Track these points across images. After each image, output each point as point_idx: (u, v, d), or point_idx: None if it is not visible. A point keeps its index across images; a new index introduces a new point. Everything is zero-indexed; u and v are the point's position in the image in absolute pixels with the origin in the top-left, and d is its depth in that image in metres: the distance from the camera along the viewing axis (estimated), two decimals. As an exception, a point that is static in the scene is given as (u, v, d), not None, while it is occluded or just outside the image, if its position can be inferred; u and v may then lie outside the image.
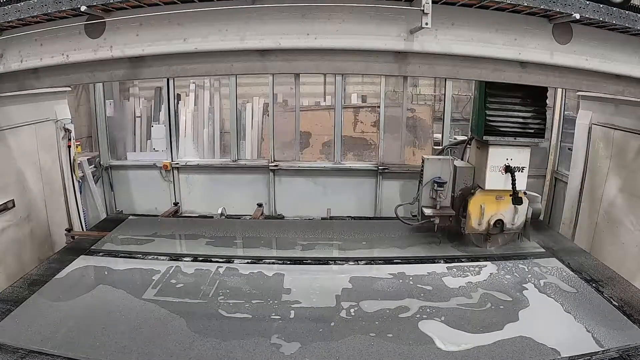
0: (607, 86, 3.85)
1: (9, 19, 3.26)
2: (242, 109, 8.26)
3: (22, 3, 3.18)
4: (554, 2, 3.05)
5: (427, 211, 4.84)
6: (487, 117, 4.44)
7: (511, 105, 4.43)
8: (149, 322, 3.35)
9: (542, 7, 3.05)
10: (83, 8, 3.05)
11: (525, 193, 4.67)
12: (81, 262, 4.40)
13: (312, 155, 8.24)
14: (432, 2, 2.89)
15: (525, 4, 3.04)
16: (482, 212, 4.63)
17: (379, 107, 7.98)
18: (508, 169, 4.46)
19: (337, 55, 3.44)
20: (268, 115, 8.08)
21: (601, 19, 3.18)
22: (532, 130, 4.48)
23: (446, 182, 4.83)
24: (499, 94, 4.41)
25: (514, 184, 4.41)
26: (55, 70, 3.71)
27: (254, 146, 8.33)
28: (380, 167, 7.87)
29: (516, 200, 4.46)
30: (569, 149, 6.84)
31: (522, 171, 4.52)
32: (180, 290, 3.85)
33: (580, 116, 6.14)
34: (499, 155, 4.51)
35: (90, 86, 7.77)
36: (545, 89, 4.44)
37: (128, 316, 3.43)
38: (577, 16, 3.11)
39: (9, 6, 3.23)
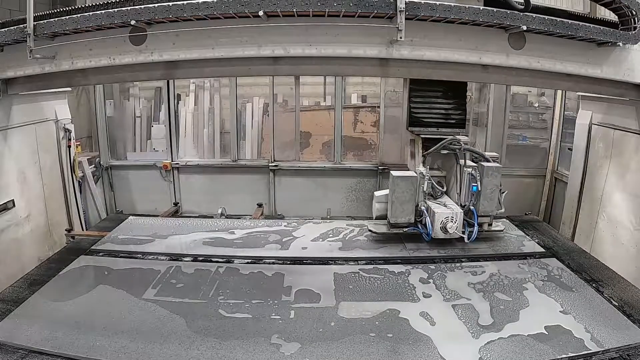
0: (560, 83, 4.52)
1: (66, 28, 3.80)
2: (242, 109, 8.25)
3: (79, 15, 3.75)
4: (505, 17, 3.66)
5: None
6: (411, 110, 4.78)
7: (433, 98, 4.76)
8: (149, 322, 3.35)
9: (495, 21, 3.68)
10: (133, 22, 3.66)
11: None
12: (81, 262, 4.41)
13: (312, 155, 8.23)
14: (408, 19, 3.50)
15: (481, 20, 3.66)
16: None
17: (379, 107, 7.99)
18: None
19: (333, 61, 4.14)
20: (268, 115, 8.09)
21: (547, 29, 3.74)
22: (453, 121, 4.82)
23: None
24: (422, 88, 4.75)
25: None
26: (102, 70, 4.26)
27: (254, 146, 8.32)
28: (380, 167, 7.88)
29: None
30: (569, 149, 6.84)
31: None
32: (180, 290, 3.85)
33: (580, 116, 6.13)
34: None
35: (90, 86, 7.79)
36: (465, 84, 4.85)
37: (128, 316, 3.43)
38: (525, 27, 3.69)
39: (67, 17, 3.79)
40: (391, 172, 4.74)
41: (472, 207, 4.67)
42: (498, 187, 4.72)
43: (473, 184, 4.63)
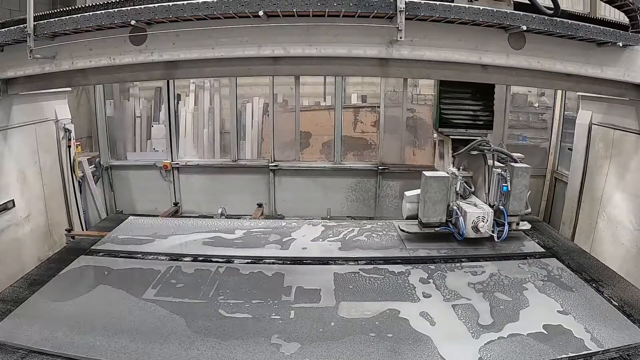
0: (560, 83, 4.53)
1: (66, 28, 3.82)
2: (242, 109, 8.26)
3: (79, 15, 3.77)
4: (505, 17, 3.66)
5: None
6: (441, 111, 4.88)
7: (463, 100, 4.87)
8: (149, 322, 3.35)
9: (495, 21, 3.69)
10: (133, 22, 3.67)
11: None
12: (81, 262, 4.41)
13: (312, 155, 8.24)
14: (408, 19, 3.50)
15: (481, 20, 3.67)
16: None
17: (379, 107, 7.99)
18: None
19: (333, 61, 4.14)
20: (268, 115, 8.09)
21: (546, 29, 3.76)
22: (481, 122, 4.93)
23: None
24: (452, 90, 4.87)
25: None
26: (102, 70, 4.28)
27: (254, 146, 8.32)
28: (380, 167, 7.88)
29: None
30: (569, 149, 6.85)
31: None
32: (180, 290, 3.85)
33: (580, 116, 6.14)
34: None
35: (90, 86, 7.79)
36: (492, 86, 4.92)
37: (128, 316, 3.43)
38: (524, 27, 3.69)
39: (67, 17, 3.80)
40: (423, 172, 4.76)
41: (501, 207, 4.73)
42: (527, 187, 4.77)
43: (503, 184, 4.68)
